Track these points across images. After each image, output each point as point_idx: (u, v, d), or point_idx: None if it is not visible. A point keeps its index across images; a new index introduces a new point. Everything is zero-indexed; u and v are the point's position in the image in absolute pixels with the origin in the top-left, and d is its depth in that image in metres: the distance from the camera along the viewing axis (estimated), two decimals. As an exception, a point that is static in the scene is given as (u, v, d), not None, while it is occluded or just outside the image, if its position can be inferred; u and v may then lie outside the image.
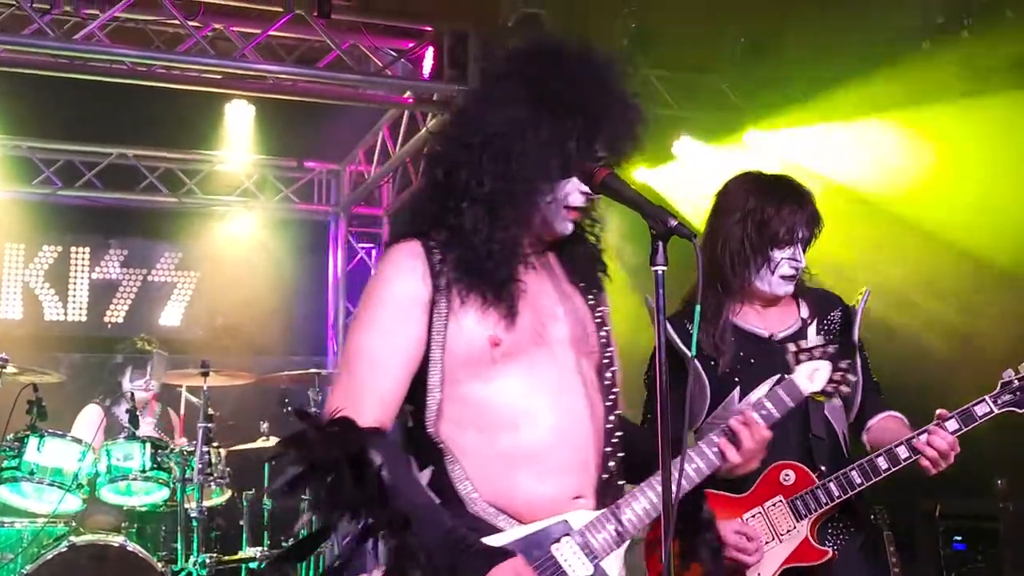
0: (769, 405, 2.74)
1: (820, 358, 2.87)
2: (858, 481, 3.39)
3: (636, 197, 2.44)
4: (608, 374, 2.64)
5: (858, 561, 3.54)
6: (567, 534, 2.45)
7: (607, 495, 2.54)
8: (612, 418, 2.60)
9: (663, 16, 7.40)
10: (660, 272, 2.32)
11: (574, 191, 2.53)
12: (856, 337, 3.56)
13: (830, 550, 3.43)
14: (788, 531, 3.42)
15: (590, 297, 2.69)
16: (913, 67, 7.01)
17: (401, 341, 2.47)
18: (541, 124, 2.45)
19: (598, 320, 2.68)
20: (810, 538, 3.42)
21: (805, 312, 3.66)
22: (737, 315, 3.63)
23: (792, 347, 2.91)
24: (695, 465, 2.61)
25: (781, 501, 3.45)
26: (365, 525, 2.27)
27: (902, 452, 3.39)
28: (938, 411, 3.41)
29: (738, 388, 3.53)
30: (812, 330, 3.60)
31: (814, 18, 7.33)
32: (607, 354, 2.66)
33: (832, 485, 3.41)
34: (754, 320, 3.63)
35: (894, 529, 6.05)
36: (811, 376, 2.82)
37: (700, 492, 2.74)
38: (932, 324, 6.91)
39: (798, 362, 2.88)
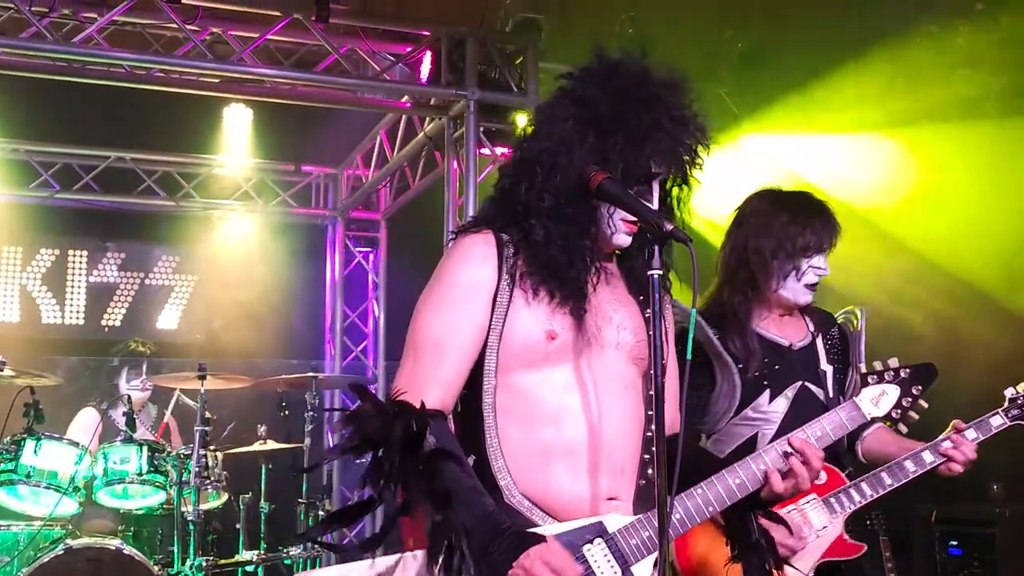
0: (828, 430, 2.70)
1: (890, 382, 2.82)
2: (888, 481, 3.62)
3: (633, 202, 2.47)
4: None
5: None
6: (600, 536, 2.47)
7: (644, 502, 2.55)
8: (654, 427, 2.59)
9: (660, 21, 7.43)
10: (656, 276, 2.35)
11: None
12: (862, 356, 3.75)
13: (864, 544, 3.66)
14: (824, 527, 3.63)
15: (648, 311, 2.69)
16: (907, 84, 7.07)
17: (466, 326, 2.53)
18: (586, 141, 2.53)
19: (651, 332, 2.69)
20: (844, 534, 3.65)
21: (811, 326, 3.87)
22: (759, 324, 3.81)
23: (862, 367, 2.87)
24: (739, 481, 2.57)
25: (815, 499, 3.64)
26: (407, 500, 2.31)
27: (927, 456, 3.62)
28: (954, 421, 3.65)
29: (768, 391, 3.71)
30: (820, 343, 3.82)
31: (811, 24, 7.37)
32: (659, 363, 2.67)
33: (864, 484, 3.63)
34: (774, 329, 3.81)
35: (890, 534, 6.06)
36: (877, 400, 2.79)
37: (749, 513, 2.69)
38: (914, 339, 6.90)
39: (865, 384, 2.82)
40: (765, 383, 3.71)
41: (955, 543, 6.57)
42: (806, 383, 3.74)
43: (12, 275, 9.51)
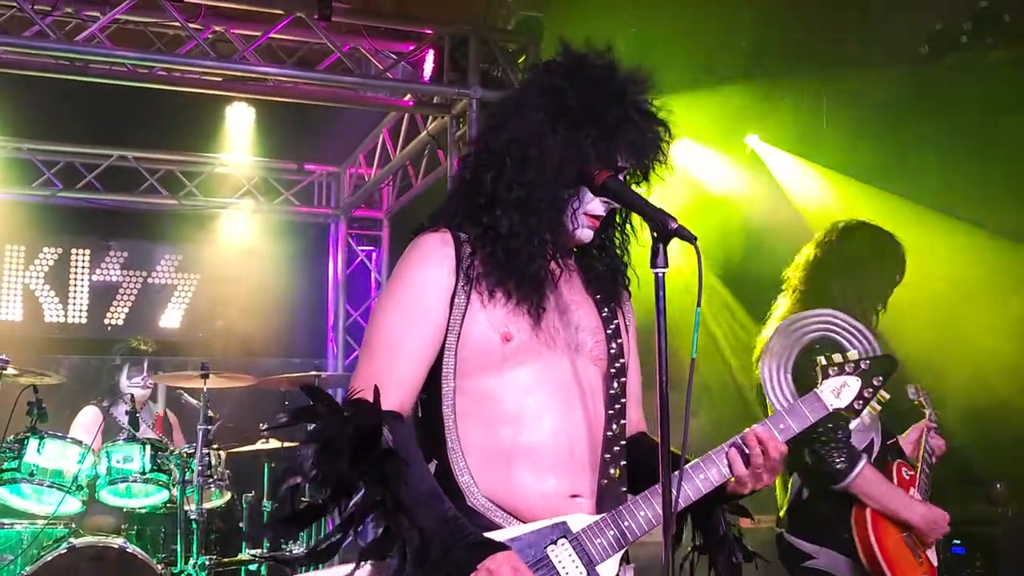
0: (789, 421, 2.69)
1: (850, 373, 2.80)
2: None
3: (637, 200, 2.47)
4: (615, 384, 2.67)
5: None
6: (564, 536, 2.46)
7: (607, 501, 2.55)
8: (615, 426, 2.63)
9: (663, 18, 7.41)
10: (661, 274, 2.32)
11: (594, 199, 2.58)
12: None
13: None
14: None
15: (605, 309, 2.73)
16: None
17: (423, 327, 2.52)
18: (557, 132, 2.52)
19: (610, 331, 2.71)
20: None
21: None
22: None
23: (822, 359, 2.83)
24: (703, 475, 2.57)
25: (914, 492, 4.07)
26: (358, 503, 2.27)
27: None
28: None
29: None
30: None
31: (816, 23, 7.36)
32: (616, 364, 2.68)
33: None
34: None
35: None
36: (838, 391, 2.77)
37: (717, 507, 2.70)
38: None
39: (826, 376, 2.80)
40: None
41: (958, 542, 6.56)
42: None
43: (15, 274, 9.52)
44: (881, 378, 2.83)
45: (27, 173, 9.51)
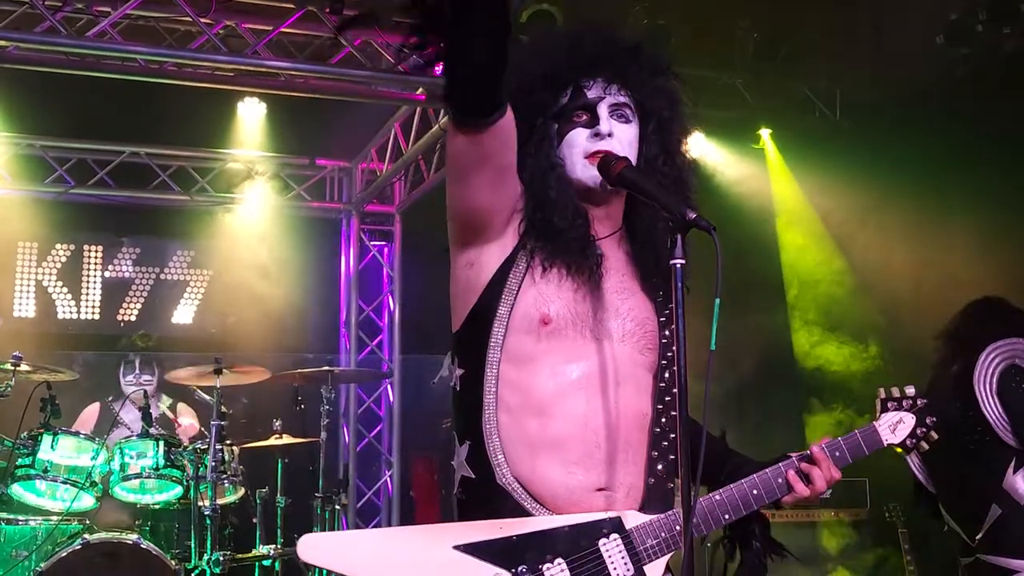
0: (845, 449, 2.71)
1: (907, 410, 2.83)
2: None
3: (653, 189, 2.43)
4: (667, 374, 2.59)
5: None
6: (617, 532, 2.44)
7: (654, 500, 2.51)
8: (664, 420, 2.56)
9: (675, 12, 7.38)
10: (679, 266, 2.28)
11: (582, 140, 2.55)
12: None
13: None
14: None
15: (660, 294, 2.65)
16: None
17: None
18: (533, 83, 2.54)
19: (664, 318, 2.63)
20: None
21: None
22: None
23: (882, 393, 2.87)
24: (756, 492, 2.58)
25: None
26: None
27: None
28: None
29: None
30: None
31: (827, 15, 7.33)
32: (669, 354, 2.60)
33: None
34: None
35: (909, 526, 6.03)
36: (894, 427, 2.80)
37: (760, 516, 2.71)
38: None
39: (884, 410, 2.84)
40: None
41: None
42: None
43: (28, 270, 9.53)
44: (934, 419, 2.85)
45: (39, 170, 9.52)
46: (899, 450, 2.83)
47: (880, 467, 5.03)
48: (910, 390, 2.86)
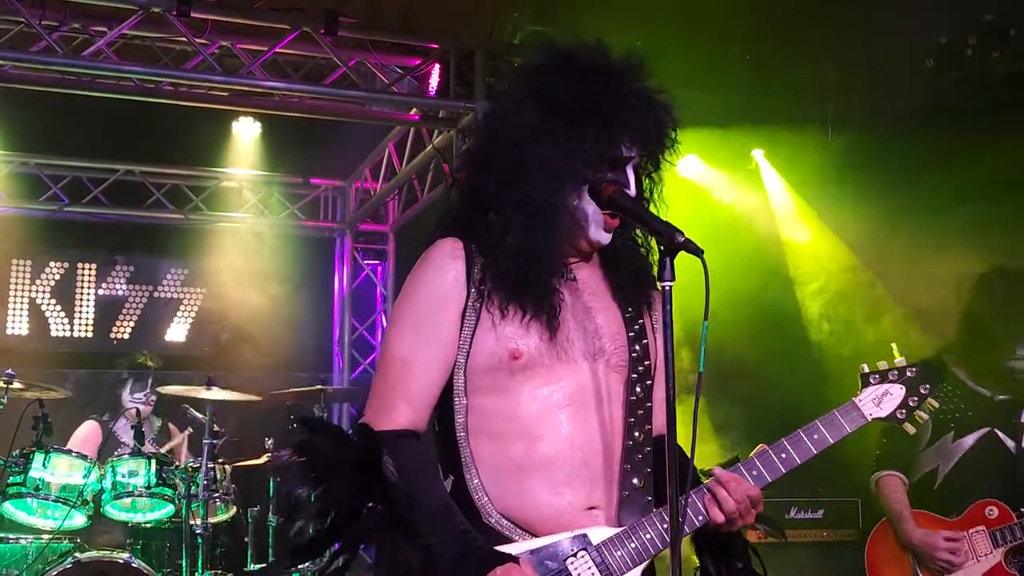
0: (824, 430, 2.61)
1: (894, 381, 2.71)
2: None
3: (643, 213, 2.46)
4: (638, 389, 2.59)
5: None
6: (584, 549, 2.43)
7: (629, 512, 2.51)
8: (636, 434, 2.56)
9: (669, 34, 7.41)
10: (668, 288, 2.30)
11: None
12: None
13: (1017, 574, 4.28)
14: (985, 555, 4.32)
15: (630, 309, 2.65)
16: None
17: (435, 344, 2.50)
18: (556, 129, 2.46)
19: (633, 333, 2.63)
20: (1003, 563, 4.30)
21: None
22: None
23: (864, 368, 2.73)
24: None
25: (983, 530, 4.34)
26: (359, 526, 2.29)
27: None
28: None
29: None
30: None
31: (819, 37, 7.35)
32: (640, 368, 2.61)
33: None
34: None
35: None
36: (879, 400, 2.68)
37: (744, 546, 2.64)
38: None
39: (866, 384, 2.71)
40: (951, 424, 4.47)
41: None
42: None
43: (21, 288, 9.52)
44: (928, 386, 2.71)
45: (34, 188, 9.52)
46: (890, 424, 2.68)
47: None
48: (899, 361, 2.73)
